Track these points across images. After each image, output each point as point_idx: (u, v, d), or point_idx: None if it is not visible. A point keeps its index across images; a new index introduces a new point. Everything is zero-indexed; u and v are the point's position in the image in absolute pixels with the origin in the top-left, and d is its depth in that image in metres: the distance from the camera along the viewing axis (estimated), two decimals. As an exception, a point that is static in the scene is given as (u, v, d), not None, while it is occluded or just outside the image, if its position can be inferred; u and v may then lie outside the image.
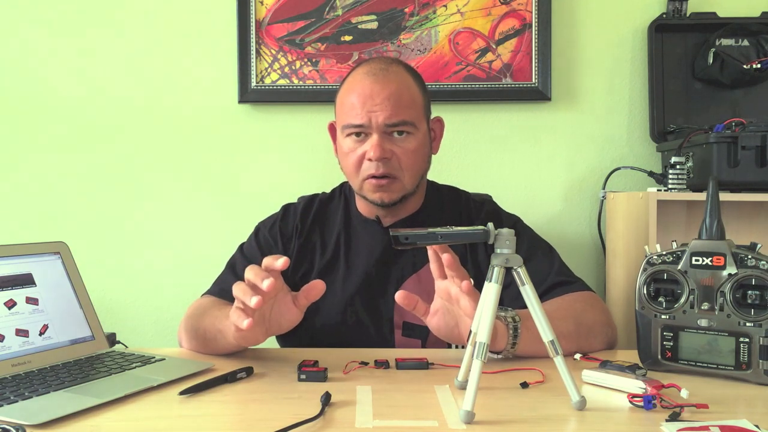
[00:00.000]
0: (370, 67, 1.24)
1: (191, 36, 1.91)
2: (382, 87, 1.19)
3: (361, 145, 1.22)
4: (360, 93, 1.20)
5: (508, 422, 0.79)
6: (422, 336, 1.23)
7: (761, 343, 0.91)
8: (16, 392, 0.86)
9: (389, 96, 1.19)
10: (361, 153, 1.21)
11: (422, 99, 1.26)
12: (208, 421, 0.81)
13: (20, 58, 1.92)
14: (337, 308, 1.26)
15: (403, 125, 1.20)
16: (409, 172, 1.23)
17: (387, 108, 1.18)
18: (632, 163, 1.82)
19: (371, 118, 1.19)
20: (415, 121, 1.22)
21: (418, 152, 1.23)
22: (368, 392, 0.90)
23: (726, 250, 0.94)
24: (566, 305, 1.16)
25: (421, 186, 1.31)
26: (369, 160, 1.20)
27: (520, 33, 1.86)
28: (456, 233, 0.85)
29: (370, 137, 1.20)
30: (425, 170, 1.29)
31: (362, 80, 1.22)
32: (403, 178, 1.22)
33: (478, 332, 0.81)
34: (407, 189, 1.24)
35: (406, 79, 1.24)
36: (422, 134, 1.24)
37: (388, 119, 1.19)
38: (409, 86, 1.23)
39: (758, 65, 1.71)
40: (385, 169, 1.20)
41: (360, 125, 1.20)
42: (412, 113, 1.21)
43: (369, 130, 1.20)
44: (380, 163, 1.19)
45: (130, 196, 1.92)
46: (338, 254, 1.30)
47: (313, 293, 1.01)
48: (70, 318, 1.07)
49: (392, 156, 1.21)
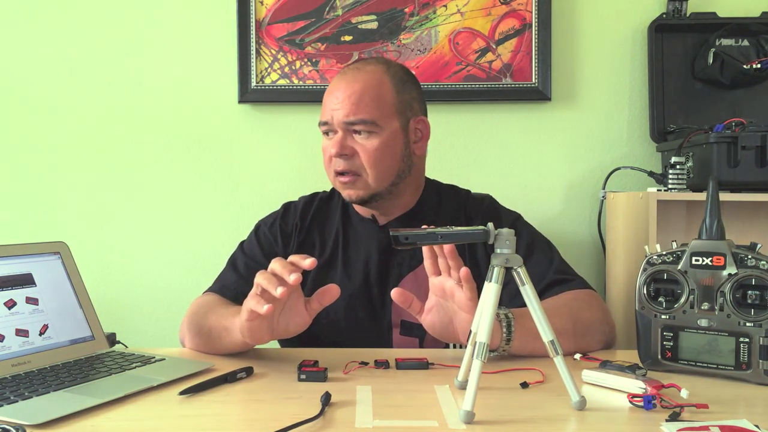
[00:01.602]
0: (347, 67, 1.29)
1: (191, 36, 1.91)
2: (346, 86, 1.23)
3: (329, 142, 1.25)
4: (330, 91, 1.26)
5: (508, 422, 0.79)
6: (420, 335, 1.24)
7: (761, 343, 0.91)
8: (16, 392, 0.86)
9: (350, 95, 1.22)
10: (330, 151, 1.25)
11: (394, 98, 1.25)
12: (208, 421, 0.81)
13: (20, 58, 1.92)
14: (335, 307, 1.25)
15: (362, 124, 1.22)
16: (373, 171, 1.23)
17: (346, 106, 1.22)
18: (632, 163, 1.82)
19: (333, 115, 1.23)
20: (376, 120, 1.22)
21: (381, 151, 1.23)
22: (368, 392, 0.90)
23: (726, 250, 0.94)
24: (564, 303, 1.16)
25: (412, 186, 1.32)
26: (332, 156, 1.24)
27: (520, 33, 1.86)
28: (456, 233, 0.85)
29: (335, 135, 1.24)
30: (398, 170, 1.27)
31: (335, 80, 1.27)
32: (366, 176, 1.23)
33: (478, 332, 0.81)
34: (373, 187, 1.24)
35: (378, 78, 1.25)
36: (389, 133, 1.24)
37: (345, 117, 1.22)
38: (378, 85, 1.24)
39: (758, 65, 1.71)
40: (345, 166, 1.23)
41: (324, 122, 1.25)
42: (373, 112, 1.22)
43: (333, 127, 1.24)
44: (340, 159, 1.23)
45: (130, 195, 1.92)
46: (336, 252, 1.31)
47: (327, 297, 1.01)
48: (70, 318, 1.07)
49: (354, 154, 1.23)
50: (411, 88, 1.30)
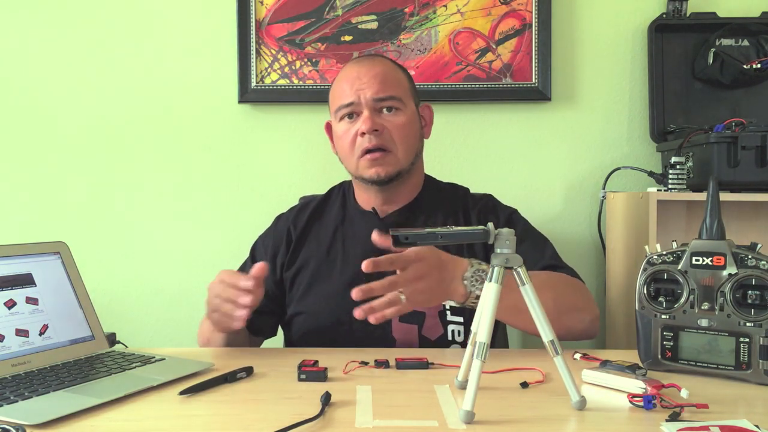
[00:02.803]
0: (356, 59, 1.37)
1: (191, 36, 1.91)
2: (368, 68, 1.28)
3: (353, 125, 1.28)
4: (347, 77, 1.29)
5: (508, 422, 0.79)
6: (418, 321, 1.25)
7: (761, 343, 0.91)
8: (16, 392, 0.86)
9: (376, 75, 1.27)
10: (355, 132, 1.27)
11: (408, 83, 1.33)
12: (208, 421, 0.81)
13: (20, 58, 1.92)
14: (335, 296, 1.28)
15: (391, 100, 1.28)
16: (402, 146, 1.28)
17: (374, 84, 1.26)
18: (632, 163, 1.82)
19: (360, 95, 1.26)
20: (402, 98, 1.29)
21: (408, 127, 1.29)
22: (368, 392, 0.90)
23: (726, 250, 0.94)
24: (549, 280, 1.18)
25: (418, 173, 1.37)
26: (362, 135, 1.26)
27: (520, 33, 1.86)
28: (456, 233, 0.85)
29: (361, 115, 1.27)
30: (418, 149, 1.34)
31: (349, 68, 1.32)
32: (396, 151, 1.28)
33: (478, 332, 0.81)
34: (401, 163, 1.29)
35: (391, 65, 1.33)
36: (411, 112, 1.31)
37: (375, 94, 1.26)
38: (393, 70, 1.32)
39: (758, 65, 1.71)
40: (377, 141, 1.26)
41: (350, 103, 1.27)
42: (398, 90, 1.29)
43: (359, 108, 1.27)
44: (372, 135, 1.25)
45: (130, 195, 1.92)
46: (336, 245, 1.34)
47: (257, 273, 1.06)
48: (70, 318, 1.07)
49: (383, 129, 1.27)
50: (412, 79, 1.38)
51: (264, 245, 1.39)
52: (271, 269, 1.35)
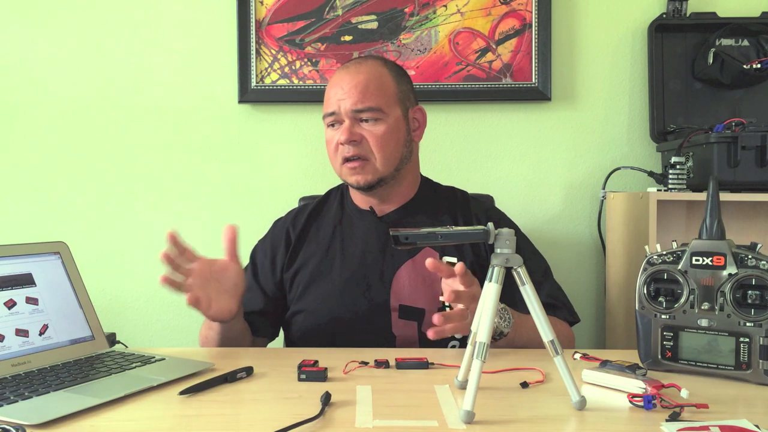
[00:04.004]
0: (347, 63, 1.35)
1: (191, 36, 1.91)
2: (351, 77, 1.29)
3: (337, 132, 1.30)
4: (333, 84, 1.31)
5: (508, 422, 0.79)
6: (418, 318, 1.26)
7: (761, 343, 0.91)
8: (16, 392, 0.86)
9: (357, 84, 1.28)
10: (337, 140, 1.29)
11: (395, 88, 1.32)
12: (208, 421, 0.81)
13: (20, 58, 1.92)
14: (334, 293, 1.29)
15: (369, 111, 1.28)
16: (381, 154, 1.28)
17: (354, 95, 1.27)
18: (632, 163, 1.82)
19: (340, 105, 1.28)
20: (382, 107, 1.28)
21: (387, 136, 1.29)
22: (368, 392, 0.90)
23: (726, 250, 0.94)
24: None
25: (411, 173, 1.37)
26: (341, 144, 1.28)
27: (520, 33, 1.86)
28: (456, 233, 0.85)
29: (343, 124, 1.28)
30: (403, 154, 1.32)
31: (337, 74, 1.33)
32: (374, 160, 1.29)
33: (478, 332, 0.81)
34: (381, 172, 1.29)
35: (378, 70, 1.32)
36: (393, 120, 1.30)
37: (354, 105, 1.27)
38: (379, 76, 1.31)
39: (758, 65, 1.71)
40: (355, 151, 1.28)
41: (332, 113, 1.29)
42: (379, 100, 1.28)
43: (340, 117, 1.29)
44: (349, 145, 1.27)
45: (130, 195, 1.92)
46: (335, 244, 1.35)
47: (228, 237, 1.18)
48: (70, 318, 1.07)
49: (361, 139, 1.28)
50: (406, 80, 1.37)
51: (263, 249, 1.40)
52: (271, 271, 1.36)
